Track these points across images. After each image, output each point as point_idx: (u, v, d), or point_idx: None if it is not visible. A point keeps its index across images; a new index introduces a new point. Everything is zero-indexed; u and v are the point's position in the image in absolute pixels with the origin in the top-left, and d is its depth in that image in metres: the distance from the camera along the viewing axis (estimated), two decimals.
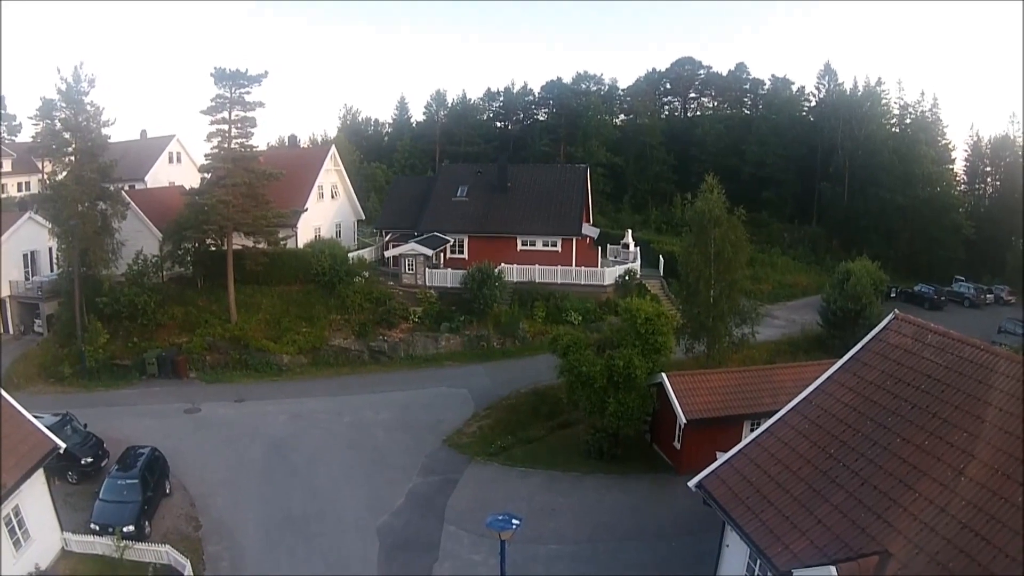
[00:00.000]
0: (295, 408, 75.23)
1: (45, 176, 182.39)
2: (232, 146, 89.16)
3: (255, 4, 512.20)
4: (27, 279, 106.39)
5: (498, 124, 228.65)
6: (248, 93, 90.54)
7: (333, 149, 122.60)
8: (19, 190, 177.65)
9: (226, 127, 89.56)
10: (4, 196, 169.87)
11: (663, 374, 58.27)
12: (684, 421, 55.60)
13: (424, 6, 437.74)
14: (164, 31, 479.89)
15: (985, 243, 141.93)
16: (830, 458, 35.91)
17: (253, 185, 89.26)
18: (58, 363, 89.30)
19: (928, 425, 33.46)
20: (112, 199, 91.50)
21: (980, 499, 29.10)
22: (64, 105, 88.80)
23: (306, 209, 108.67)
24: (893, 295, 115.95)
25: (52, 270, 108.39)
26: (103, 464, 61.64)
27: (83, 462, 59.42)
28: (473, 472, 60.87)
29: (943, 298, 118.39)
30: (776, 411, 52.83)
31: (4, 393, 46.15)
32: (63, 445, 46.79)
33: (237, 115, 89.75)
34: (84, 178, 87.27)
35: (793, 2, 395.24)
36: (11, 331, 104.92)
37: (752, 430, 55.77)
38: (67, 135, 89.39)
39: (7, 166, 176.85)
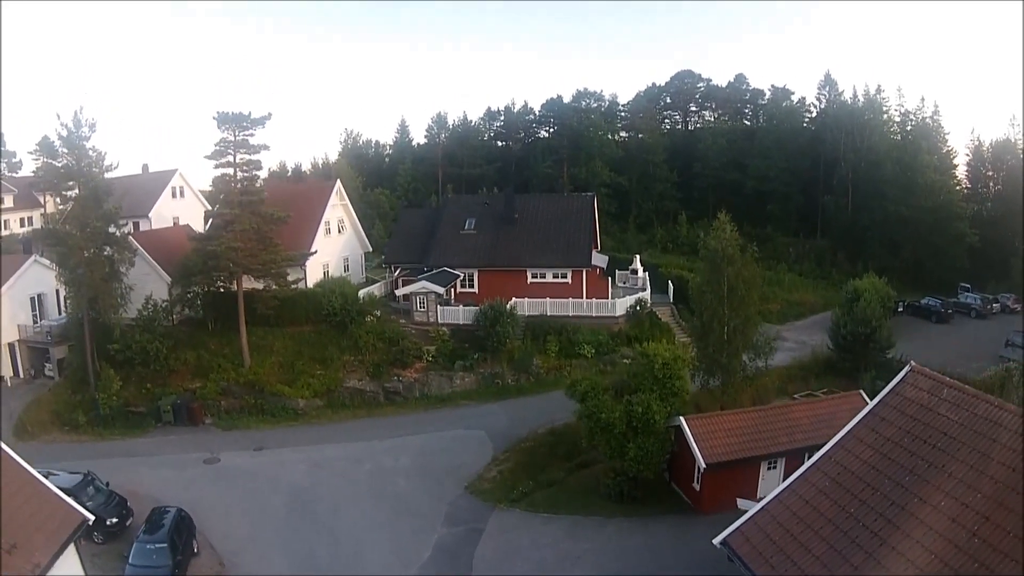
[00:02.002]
0: (314, 456, 75.35)
1: (47, 212, 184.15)
2: (238, 189, 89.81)
3: (254, 24, 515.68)
4: (35, 322, 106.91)
5: (499, 143, 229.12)
6: (252, 136, 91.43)
7: (338, 184, 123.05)
8: (22, 225, 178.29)
9: (231, 171, 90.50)
10: (7, 233, 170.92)
11: (681, 417, 59.15)
12: (704, 466, 56.59)
13: (424, 24, 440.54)
14: (161, 55, 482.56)
15: (989, 249, 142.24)
16: (850, 517, 36.87)
17: (261, 229, 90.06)
18: (71, 410, 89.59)
19: (944, 485, 34.39)
20: (119, 244, 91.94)
21: (989, 559, 30.20)
22: (66, 151, 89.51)
23: (314, 252, 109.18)
24: (900, 309, 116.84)
25: (60, 313, 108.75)
26: (128, 523, 61.93)
27: (108, 523, 59.35)
28: (497, 520, 61.11)
29: (950, 311, 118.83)
30: (792, 450, 54.31)
31: (28, 467, 46.19)
32: (91, 517, 46.56)
33: (242, 158, 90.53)
34: (89, 224, 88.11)
35: (791, 3, 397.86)
36: (21, 375, 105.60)
37: (770, 469, 57.33)
38: (70, 179, 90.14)
39: (8, 202, 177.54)
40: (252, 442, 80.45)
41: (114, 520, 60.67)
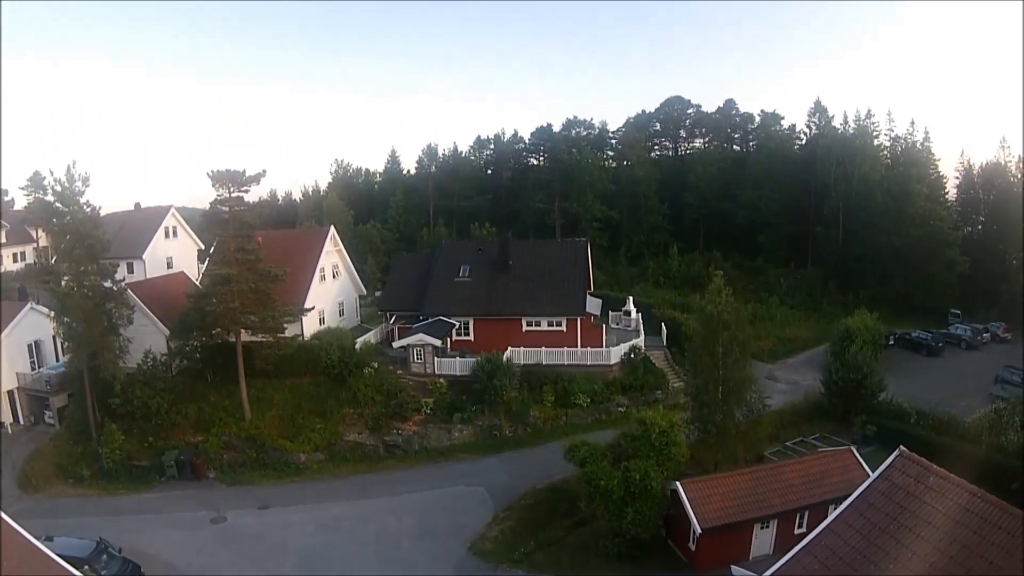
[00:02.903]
0: (320, 516, 76.10)
1: (39, 246, 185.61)
2: (234, 247, 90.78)
3: (243, 50, 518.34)
4: (33, 369, 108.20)
5: (490, 171, 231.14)
6: (247, 192, 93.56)
7: (332, 230, 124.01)
8: (15, 260, 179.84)
9: (228, 230, 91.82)
10: (3, 270, 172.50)
11: (678, 483, 60.92)
12: (699, 531, 58.42)
13: (412, 50, 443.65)
14: (147, 85, 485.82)
15: (978, 274, 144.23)
16: None
17: (258, 288, 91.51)
18: (75, 463, 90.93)
19: None
20: (117, 300, 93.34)
21: None
22: (60, 206, 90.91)
23: (311, 308, 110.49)
24: (891, 342, 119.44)
25: (57, 359, 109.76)
26: None
27: None
28: None
29: (940, 343, 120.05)
30: (784, 511, 57.16)
31: (51, 552, 45.78)
32: None
33: (236, 209, 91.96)
34: (87, 282, 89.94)
35: (780, 25, 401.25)
36: (22, 422, 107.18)
37: (763, 529, 60.06)
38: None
39: (2, 237, 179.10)
40: (257, 499, 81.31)
41: None
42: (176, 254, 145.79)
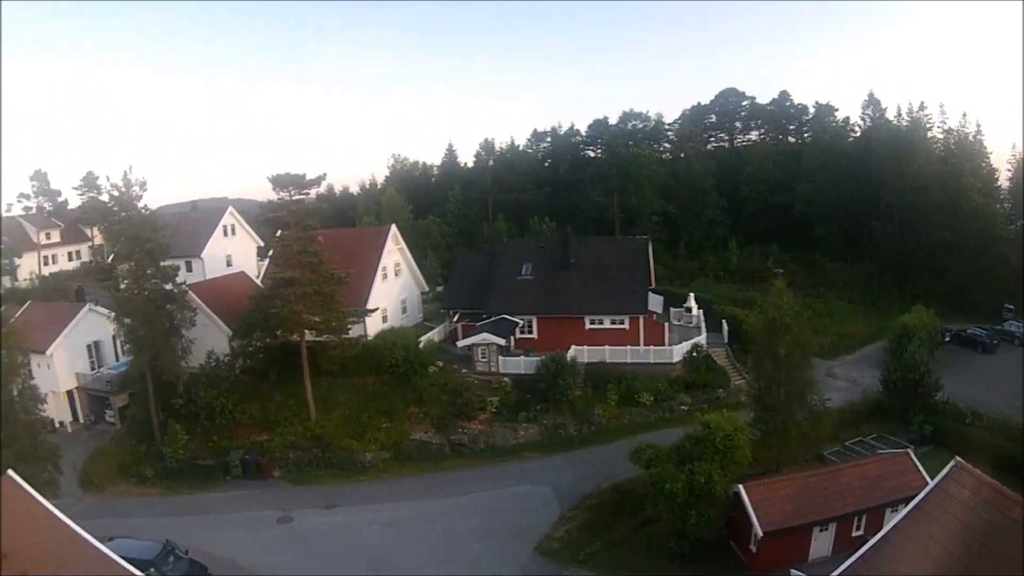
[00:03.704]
0: (387, 516, 77.24)
1: (95, 244, 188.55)
2: (296, 249, 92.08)
3: (305, 44, 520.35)
4: (93, 369, 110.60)
5: (547, 163, 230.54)
6: (307, 195, 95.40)
7: (393, 229, 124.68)
8: (70, 259, 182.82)
9: (290, 233, 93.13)
10: (56, 269, 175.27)
11: (740, 486, 62.18)
12: (761, 534, 59.80)
13: (467, 43, 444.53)
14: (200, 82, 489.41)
15: None
16: None
17: (322, 290, 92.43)
18: (138, 462, 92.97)
19: None
20: (178, 303, 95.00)
21: None
22: (118, 209, 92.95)
23: (374, 309, 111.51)
24: (947, 339, 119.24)
25: (117, 359, 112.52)
26: None
27: None
28: None
29: (995, 340, 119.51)
30: (842, 515, 58.95)
31: (112, 554, 46.67)
32: None
33: (297, 211, 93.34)
34: (147, 285, 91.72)
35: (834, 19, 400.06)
36: (81, 420, 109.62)
37: (821, 531, 61.52)
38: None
39: (56, 236, 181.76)
40: (323, 498, 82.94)
41: None
42: (235, 251, 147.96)
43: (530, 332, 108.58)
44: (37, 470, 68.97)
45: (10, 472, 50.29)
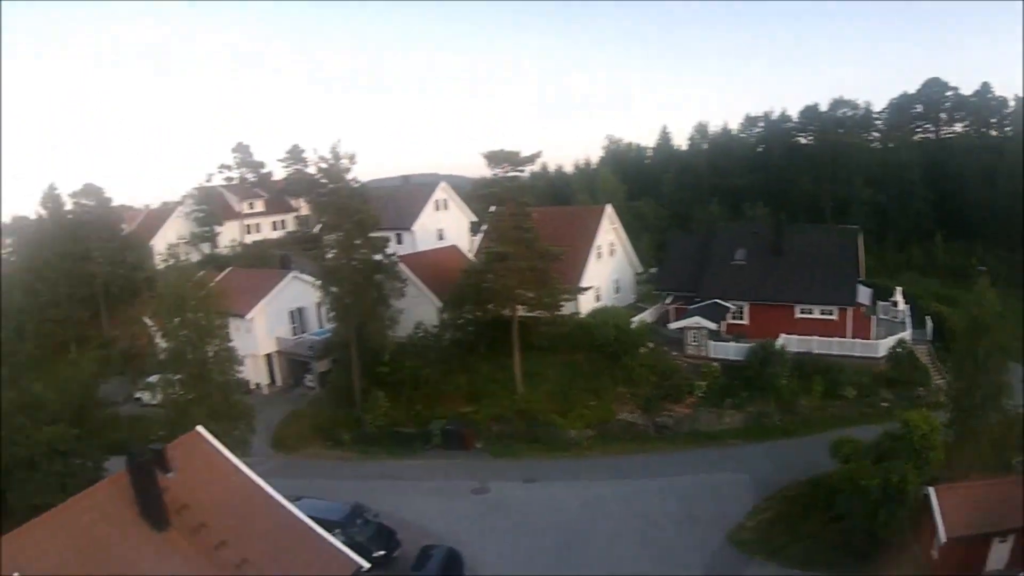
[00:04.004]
0: (585, 493, 76.76)
1: (300, 215, 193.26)
2: (511, 224, 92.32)
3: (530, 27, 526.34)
4: (295, 335, 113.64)
5: (760, 149, 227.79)
6: (522, 172, 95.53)
7: (609, 209, 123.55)
8: (274, 228, 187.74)
9: (504, 208, 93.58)
10: (260, 237, 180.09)
11: (931, 488, 60.06)
12: (944, 539, 57.72)
13: (682, 27, 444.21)
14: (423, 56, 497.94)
15: None
16: None
17: (536, 267, 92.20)
18: (335, 426, 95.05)
19: None
20: (388, 273, 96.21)
21: None
22: (326, 181, 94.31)
23: (588, 287, 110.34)
24: None
25: (320, 326, 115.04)
26: (395, 555, 65.61)
27: (375, 555, 61.43)
28: (753, 574, 63.26)
29: None
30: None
31: (304, 517, 49.07)
32: (367, 565, 48.22)
33: (512, 188, 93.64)
34: (356, 255, 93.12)
35: None
36: (279, 383, 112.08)
37: (1001, 543, 59.16)
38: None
39: (259, 206, 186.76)
40: (522, 472, 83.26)
41: (381, 552, 64.17)
42: (447, 226, 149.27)
43: (741, 318, 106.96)
44: (229, 428, 70.80)
45: (199, 428, 51.52)
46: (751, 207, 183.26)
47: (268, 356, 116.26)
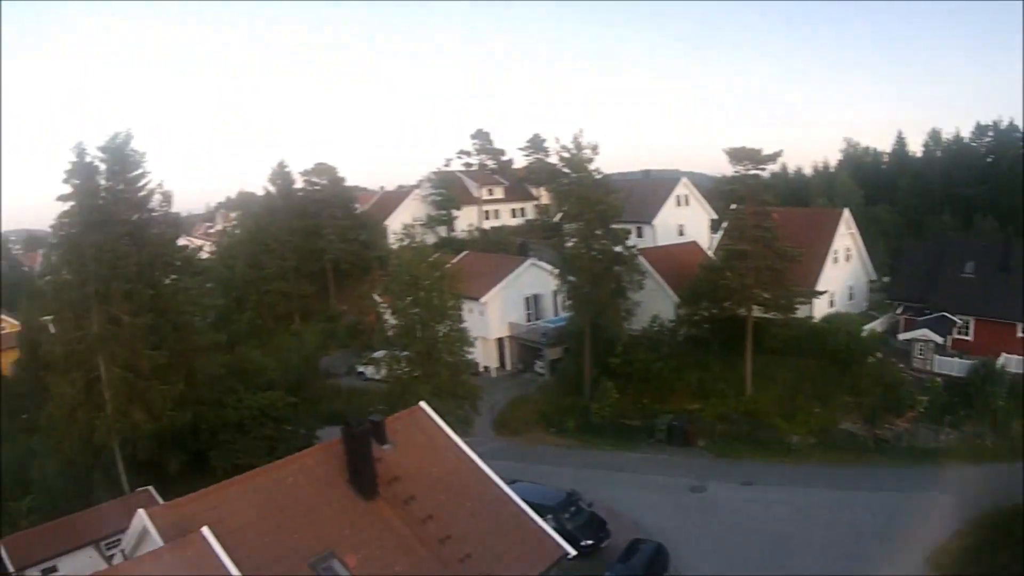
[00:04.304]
0: (799, 500, 75.66)
1: (540, 204, 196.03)
2: (751, 223, 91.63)
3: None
4: (528, 321, 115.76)
5: (989, 159, 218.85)
6: (763, 170, 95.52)
7: (847, 213, 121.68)
8: (513, 216, 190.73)
9: (745, 207, 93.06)
10: (499, 224, 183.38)
11: None
12: None
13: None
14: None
15: None
16: None
17: (774, 267, 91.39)
18: (560, 413, 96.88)
19: None
20: (627, 265, 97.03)
21: None
22: (568, 171, 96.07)
23: (824, 291, 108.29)
24: None
25: (555, 314, 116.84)
26: (603, 545, 66.38)
27: (582, 543, 61.59)
28: None
29: None
30: None
31: (517, 499, 50.22)
32: (573, 553, 49.12)
33: (753, 186, 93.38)
34: (596, 245, 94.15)
35: None
36: (508, 367, 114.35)
37: None
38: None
39: (499, 193, 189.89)
40: (741, 474, 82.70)
41: (589, 542, 64.83)
42: (687, 222, 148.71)
43: (966, 333, 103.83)
44: (453, 407, 73.26)
45: (422, 404, 53.48)
46: (982, 219, 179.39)
47: (499, 340, 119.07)
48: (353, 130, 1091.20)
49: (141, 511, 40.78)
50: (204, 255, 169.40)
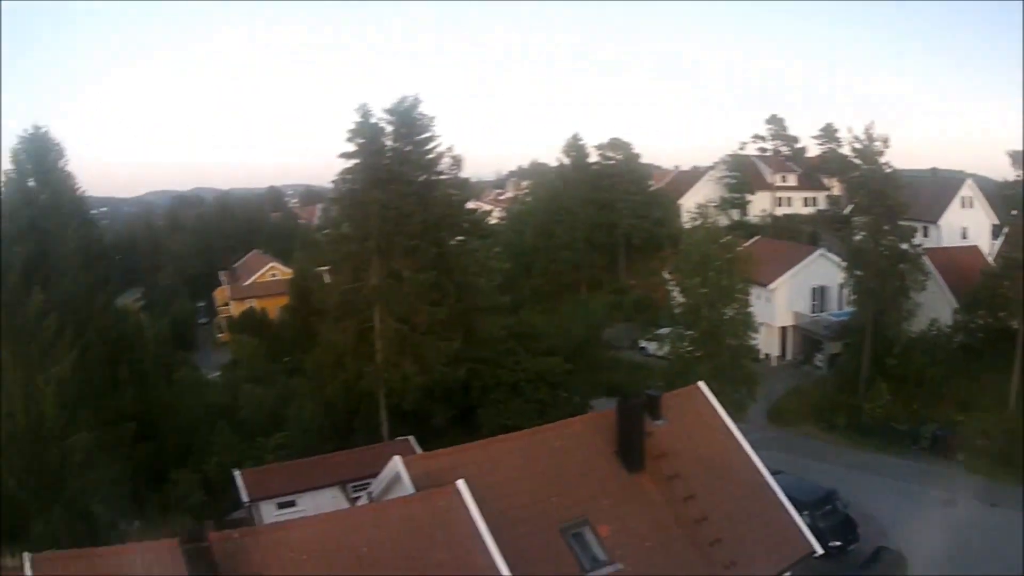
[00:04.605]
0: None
1: (832, 195, 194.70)
2: None
3: None
4: (813, 312, 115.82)
5: None
6: None
7: None
8: (805, 204, 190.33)
9: None
10: (791, 211, 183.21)
11: None
12: None
13: None
14: None
15: None
16: None
17: None
18: (831, 409, 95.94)
19: None
20: (912, 264, 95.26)
21: None
22: (860, 162, 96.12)
23: None
24: None
25: (840, 307, 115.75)
26: (850, 548, 65.47)
27: (830, 544, 60.06)
28: None
29: None
30: None
31: (778, 490, 49.23)
32: (820, 552, 47.95)
33: None
34: (883, 241, 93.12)
35: None
36: (788, 358, 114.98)
37: None
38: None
39: (791, 181, 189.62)
40: (991, 494, 78.14)
41: (837, 544, 63.45)
42: (971, 225, 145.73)
43: None
44: (730, 391, 73.48)
45: (700, 384, 54.58)
46: None
47: (783, 329, 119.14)
48: (651, 109, 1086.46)
49: (397, 457, 41.85)
50: (493, 220, 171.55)
